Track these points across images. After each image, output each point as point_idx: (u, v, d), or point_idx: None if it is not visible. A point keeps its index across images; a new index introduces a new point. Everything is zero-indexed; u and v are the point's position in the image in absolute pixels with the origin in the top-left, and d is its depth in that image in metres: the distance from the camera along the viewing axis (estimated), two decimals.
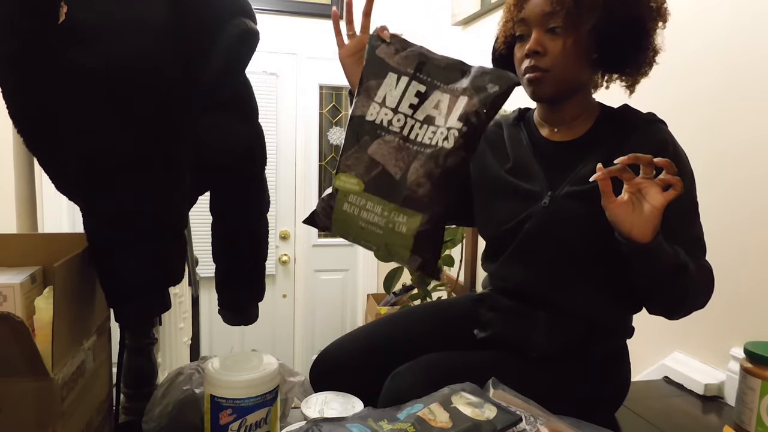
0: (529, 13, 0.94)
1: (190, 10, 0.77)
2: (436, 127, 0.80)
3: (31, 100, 0.74)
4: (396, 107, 0.82)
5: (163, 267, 0.83)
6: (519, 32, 0.97)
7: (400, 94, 0.82)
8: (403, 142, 0.80)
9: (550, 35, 0.93)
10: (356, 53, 0.99)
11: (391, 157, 0.80)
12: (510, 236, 1.01)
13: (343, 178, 0.80)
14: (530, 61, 0.94)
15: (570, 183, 0.96)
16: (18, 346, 0.59)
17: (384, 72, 0.84)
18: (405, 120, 0.81)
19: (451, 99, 0.81)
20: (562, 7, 0.90)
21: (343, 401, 0.88)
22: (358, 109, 0.83)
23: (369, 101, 0.83)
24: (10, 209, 0.99)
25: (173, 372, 0.93)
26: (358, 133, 0.82)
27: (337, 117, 3.21)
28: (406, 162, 0.79)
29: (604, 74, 1.01)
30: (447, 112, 0.80)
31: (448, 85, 0.82)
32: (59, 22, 0.70)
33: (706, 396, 1.26)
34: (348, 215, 0.80)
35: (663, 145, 0.93)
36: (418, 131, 0.81)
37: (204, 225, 1.06)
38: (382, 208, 0.78)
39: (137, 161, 0.77)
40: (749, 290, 1.23)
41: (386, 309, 2.67)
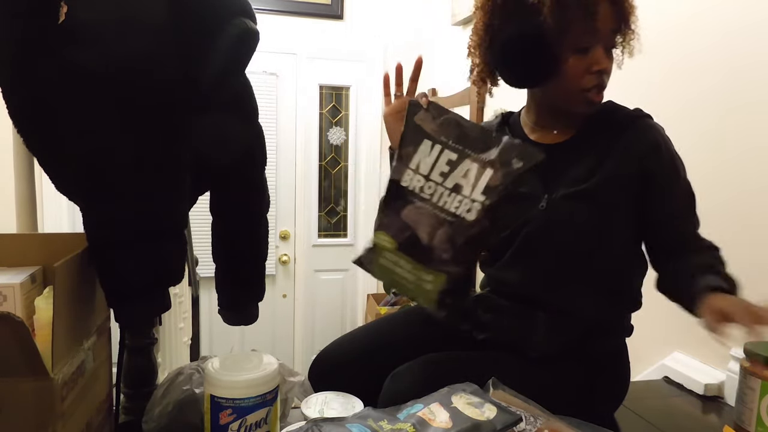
0: (602, 25, 0.89)
1: (190, 10, 0.77)
2: (462, 196, 0.84)
3: (31, 100, 0.74)
4: (428, 174, 0.86)
5: (163, 267, 0.83)
6: (585, 44, 0.90)
7: (432, 162, 0.86)
8: (432, 209, 0.85)
9: (607, 52, 0.92)
10: (398, 113, 0.99)
11: (421, 223, 0.85)
12: (508, 241, 1.01)
13: (380, 235, 0.88)
14: (598, 78, 0.92)
15: (565, 185, 0.96)
16: (18, 346, 0.59)
17: (420, 138, 0.87)
18: (435, 188, 0.85)
19: (479, 169, 0.84)
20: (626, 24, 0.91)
21: (343, 401, 0.88)
22: (394, 173, 0.89)
23: (404, 167, 0.88)
24: (10, 209, 0.99)
25: (173, 372, 0.93)
26: (393, 196, 0.88)
27: (337, 117, 3.21)
28: (434, 227, 0.85)
29: None
30: (474, 182, 0.84)
31: (478, 155, 0.84)
32: (59, 22, 0.70)
33: (706, 396, 1.26)
34: (385, 268, 0.89)
35: (656, 147, 0.94)
36: (447, 199, 0.85)
37: (204, 225, 1.06)
38: (411, 267, 0.86)
39: (137, 161, 0.77)
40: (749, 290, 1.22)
41: (386, 309, 2.67)
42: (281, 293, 3.21)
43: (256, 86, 0.94)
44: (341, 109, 3.22)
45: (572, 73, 0.91)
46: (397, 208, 0.87)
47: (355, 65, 3.16)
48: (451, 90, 2.66)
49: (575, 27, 0.88)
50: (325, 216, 3.28)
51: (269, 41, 2.84)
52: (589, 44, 0.90)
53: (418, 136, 0.87)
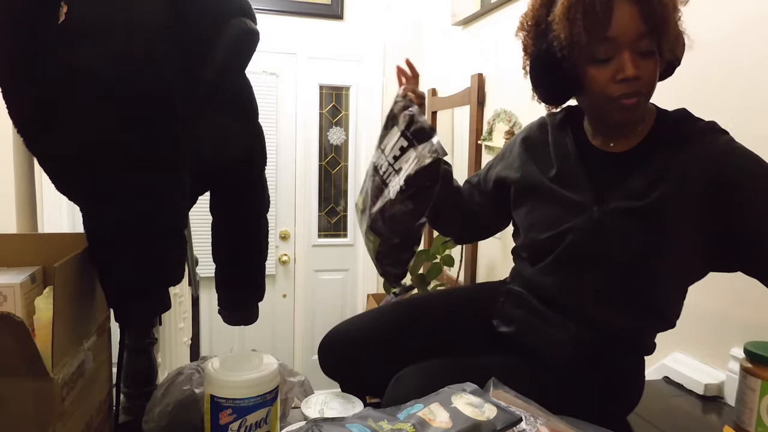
0: (620, 32, 0.82)
1: (190, 10, 0.77)
2: (399, 178, 0.99)
3: (31, 100, 0.74)
4: (387, 154, 1.06)
5: (163, 267, 0.83)
6: (603, 56, 0.84)
7: (393, 145, 1.05)
8: (380, 183, 1.06)
9: (640, 57, 0.84)
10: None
11: (373, 193, 1.07)
12: (550, 246, 0.97)
13: (359, 198, 1.16)
14: (629, 87, 0.84)
15: (619, 197, 0.90)
16: (18, 346, 0.59)
17: (391, 125, 1.08)
18: (387, 167, 1.05)
19: (415, 158, 0.98)
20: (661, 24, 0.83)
21: (343, 401, 0.88)
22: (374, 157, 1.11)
23: (378, 147, 1.11)
24: (10, 209, 0.99)
25: (173, 372, 0.93)
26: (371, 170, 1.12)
27: (337, 117, 3.21)
28: (377, 199, 1.05)
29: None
30: (407, 168, 0.98)
31: (418, 146, 0.99)
32: (59, 22, 0.70)
33: (706, 396, 1.26)
34: (359, 223, 1.15)
35: (722, 156, 0.85)
36: (392, 178, 1.02)
37: (204, 225, 1.06)
38: (366, 228, 1.10)
39: (137, 162, 0.77)
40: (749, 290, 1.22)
41: None
42: (281, 293, 3.21)
43: (256, 86, 0.94)
44: (341, 109, 3.22)
45: (595, 84, 0.87)
46: (367, 180, 1.12)
47: (355, 65, 3.16)
48: (451, 90, 2.66)
49: (588, 38, 0.83)
50: (325, 216, 3.28)
51: (269, 41, 2.84)
52: (608, 54, 0.84)
53: (392, 123, 1.08)
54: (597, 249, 0.92)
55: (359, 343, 1.07)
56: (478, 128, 2.32)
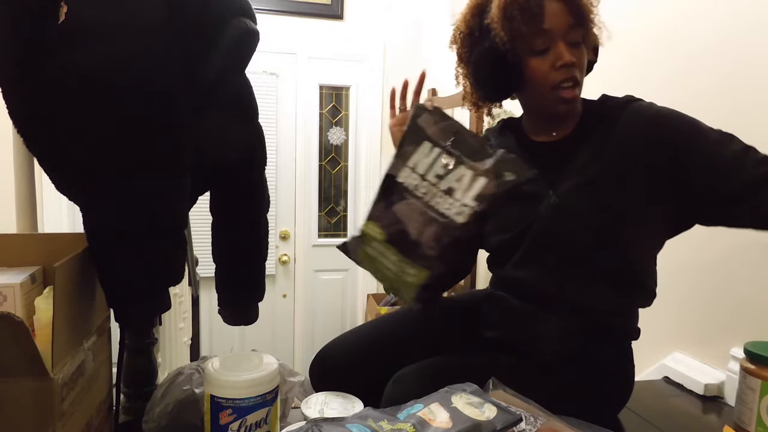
0: (553, 25, 0.92)
1: (190, 10, 0.77)
2: (454, 200, 0.88)
3: (31, 100, 0.74)
4: (424, 174, 0.90)
5: (163, 267, 0.83)
6: (541, 47, 0.93)
7: (430, 163, 0.90)
8: (423, 207, 0.89)
9: (572, 47, 0.93)
10: (403, 124, 1.00)
11: (411, 218, 0.89)
12: (518, 241, 1.01)
13: (371, 226, 0.91)
14: (567, 72, 0.93)
15: (571, 177, 0.96)
16: (18, 346, 0.59)
17: (420, 139, 0.92)
18: (429, 188, 0.90)
19: (473, 176, 0.88)
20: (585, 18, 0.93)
21: (343, 401, 0.88)
22: (392, 169, 0.92)
23: (402, 164, 0.92)
24: (10, 209, 0.99)
25: (173, 372, 0.93)
26: (388, 190, 0.91)
27: (337, 117, 3.21)
28: (423, 224, 0.88)
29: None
30: (467, 188, 0.88)
31: (473, 163, 0.88)
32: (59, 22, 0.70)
33: (706, 396, 1.26)
34: (370, 257, 0.92)
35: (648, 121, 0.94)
36: (439, 200, 0.89)
37: (204, 225, 1.06)
38: (397, 259, 0.89)
39: (137, 162, 0.77)
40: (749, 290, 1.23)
41: (386, 309, 2.67)
42: (281, 293, 3.21)
43: (256, 86, 0.94)
44: (341, 109, 3.22)
45: (537, 74, 0.95)
46: (390, 202, 0.90)
47: (355, 65, 3.16)
48: (451, 90, 2.66)
49: (525, 33, 0.93)
50: (325, 216, 3.28)
51: (269, 41, 2.84)
52: (545, 45, 0.93)
53: (418, 137, 0.91)
54: (563, 231, 0.96)
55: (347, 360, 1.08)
56: (478, 128, 2.32)
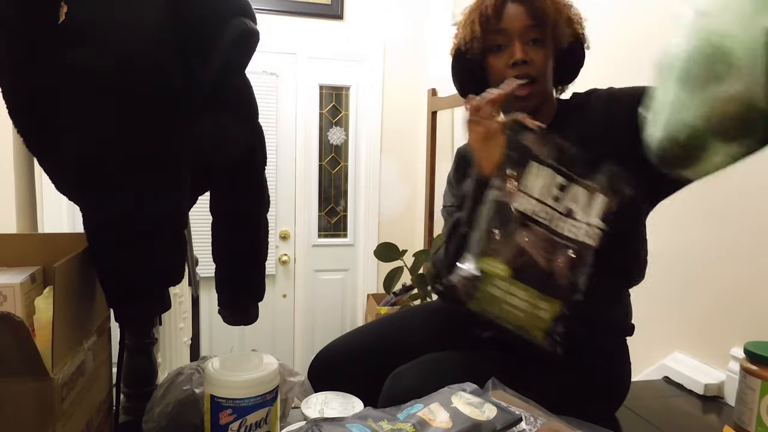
0: (509, 25, 0.97)
1: (190, 10, 0.77)
2: (576, 221, 0.83)
3: (31, 100, 0.74)
4: (541, 198, 0.84)
5: (163, 267, 0.83)
6: (498, 43, 1.00)
7: (543, 185, 0.84)
8: (548, 233, 0.83)
9: (531, 46, 0.98)
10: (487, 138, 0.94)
11: (538, 248, 0.82)
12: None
13: (490, 262, 0.82)
14: (520, 69, 0.97)
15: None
16: (18, 346, 0.59)
17: (526, 160, 0.85)
18: (549, 212, 0.84)
19: (587, 194, 0.84)
20: (546, 20, 0.96)
21: (343, 401, 0.88)
22: (504, 196, 0.84)
23: (515, 189, 0.84)
24: (10, 209, 0.99)
25: (173, 372, 0.93)
26: (504, 219, 0.83)
27: (337, 117, 3.21)
28: (552, 253, 0.82)
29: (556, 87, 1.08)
30: (585, 208, 0.83)
31: (584, 179, 0.84)
32: (59, 22, 0.70)
33: (706, 396, 1.26)
34: (494, 297, 0.83)
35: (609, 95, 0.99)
36: (561, 224, 0.83)
37: (204, 225, 1.06)
38: (526, 294, 0.81)
39: (137, 161, 0.77)
40: (749, 290, 1.23)
41: (386, 309, 2.67)
42: (281, 293, 3.21)
43: (256, 86, 0.94)
44: (341, 109, 3.22)
45: (494, 71, 1.01)
46: (510, 233, 0.83)
47: (355, 65, 3.16)
48: (451, 90, 2.66)
49: (484, 32, 1.00)
50: (325, 216, 3.28)
51: (269, 41, 2.84)
52: (502, 43, 0.99)
53: (523, 158, 0.85)
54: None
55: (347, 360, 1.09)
56: None
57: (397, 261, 2.48)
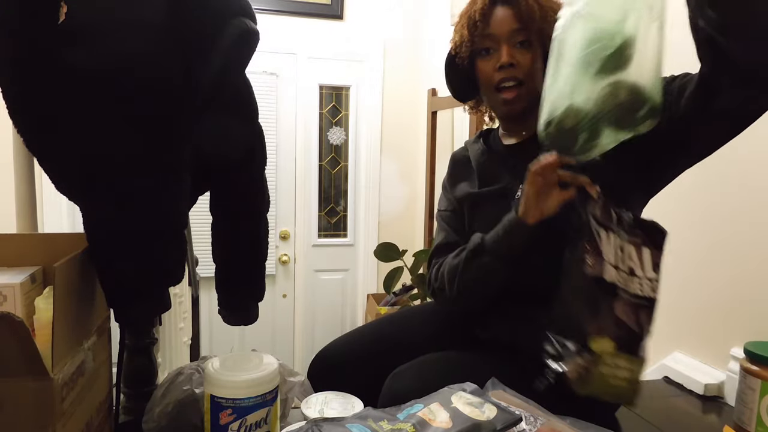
0: (497, 29, 0.99)
1: (190, 10, 0.77)
2: (638, 278, 0.85)
3: (31, 100, 0.74)
4: (616, 264, 0.85)
5: (163, 267, 0.83)
6: (486, 47, 1.02)
7: (614, 251, 0.86)
8: (629, 297, 0.84)
9: (519, 49, 0.99)
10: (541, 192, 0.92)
11: (629, 314, 0.84)
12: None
13: (599, 342, 0.83)
14: (506, 72, 0.99)
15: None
16: (18, 346, 0.59)
17: (598, 229, 0.86)
18: (623, 275, 0.85)
19: (636, 250, 0.86)
20: (532, 23, 0.97)
21: (343, 401, 0.88)
22: (593, 270, 0.85)
23: (602, 261, 0.85)
24: (10, 209, 0.99)
25: (173, 372, 0.93)
26: (601, 294, 0.84)
27: (337, 117, 3.21)
28: (636, 315, 0.84)
29: None
30: (639, 263, 0.85)
31: (630, 236, 0.86)
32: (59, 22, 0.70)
33: (706, 396, 1.26)
34: (603, 376, 0.83)
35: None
36: (631, 284, 0.85)
37: (204, 225, 1.06)
38: (627, 363, 0.83)
39: (137, 161, 0.77)
40: (749, 290, 1.23)
41: (386, 309, 2.67)
42: (281, 293, 3.21)
43: (256, 86, 0.94)
44: (341, 109, 3.22)
45: (482, 75, 1.04)
46: (609, 306, 0.83)
47: (355, 65, 3.16)
48: None
49: (472, 36, 1.03)
50: (325, 216, 3.28)
51: (269, 41, 2.85)
52: (490, 46, 1.01)
53: (597, 227, 0.86)
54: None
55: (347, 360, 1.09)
56: (478, 128, 2.32)
57: (397, 261, 2.48)
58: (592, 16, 0.75)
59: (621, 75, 0.72)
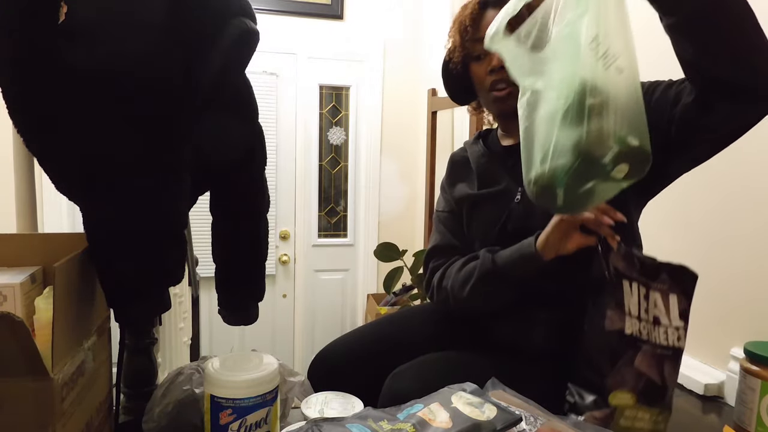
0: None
1: (190, 9, 0.77)
2: (663, 326, 0.85)
3: (31, 100, 0.74)
4: (639, 315, 0.85)
5: (163, 267, 0.83)
6: (477, 52, 1.03)
7: (636, 301, 0.86)
8: (652, 348, 0.85)
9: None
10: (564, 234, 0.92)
11: (651, 366, 0.84)
12: (496, 242, 1.02)
13: (619, 395, 0.84)
14: (498, 75, 0.99)
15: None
16: (18, 346, 0.59)
17: (620, 280, 0.87)
18: (646, 326, 0.85)
19: (662, 297, 0.86)
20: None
21: (343, 401, 0.88)
22: (614, 324, 0.85)
23: (623, 314, 0.86)
24: (10, 209, 0.99)
25: (173, 372, 0.93)
26: (622, 348, 0.85)
27: (337, 117, 3.21)
28: (660, 365, 0.84)
29: None
30: (666, 310, 0.85)
31: (655, 283, 0.86)
32: (59, 22, 0.70)
33: (706, 396, 1.26)
34: (624, 428, 0.84)
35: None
36: (654, 333, 0.85)
37: (204, 225, 1.06)
38: (649, 416, 0.84)
39: (137, 161, 0.77)
40: (749, 290, 1.23)
41: (386, 309, 2.67)
42: (281, 293, 3.21)
43: (256, 86, 0.94)
44: (341, 109, 3.22)
45: (476, 78, 1.06)
46: (630, 359, 0.84)
47: (355, 65, 3.16)
48: None
49: (463, 41, 1.04)
50: (325, 216, 3.28)
51: (269, 41, 2.85)
52: (481, 51, 1.01)
53: (618, 279, 0.86)
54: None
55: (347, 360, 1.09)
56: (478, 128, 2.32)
57: (397, 261, 2.48)
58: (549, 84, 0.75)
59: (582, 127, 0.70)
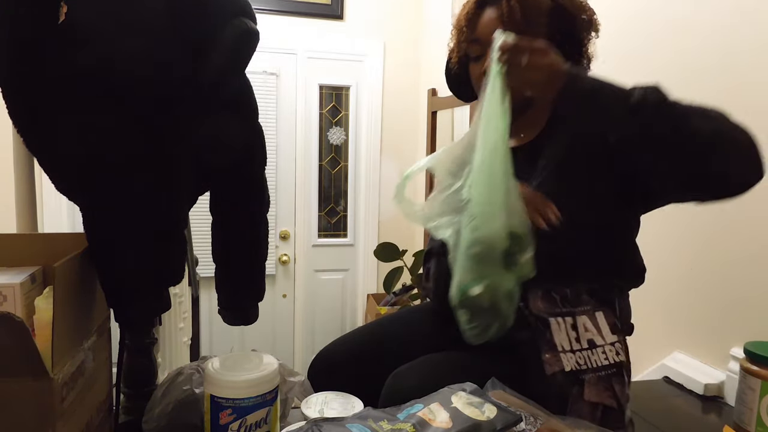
0: (482, 33, 0.99)
1: (190, 10, 0.77)
2: (600, 347, 0.87)
3: (31, 100, 0.74)
4: (571, 348, 0.87)
5: (163, 267, 0.83)
6: (474, 53, 1.03)
7: (566, 335, 0.87)
8: (595, 373, 0.85)
9: None
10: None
11: (600, 392, 0.85)
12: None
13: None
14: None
15: (538, 175, 0.97)
16: (18, 346, 0.59)
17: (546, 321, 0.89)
18: (583, 355, 0.86)
19: (589, 318, 0.88)
20: (513, 25, 0.95)
21: (343, 401, 0.88)
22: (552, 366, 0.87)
23: (557, 353, 0.87)
24: (10, 209, 0.99)
25: (173, 372, 0.93)
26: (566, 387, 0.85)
27: (337, 117, 3.21)
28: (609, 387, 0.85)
29: None
30: (597, 330, 0.87)
31: (579, 308, 0.88)
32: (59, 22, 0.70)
33: (706, 396, 1.26)
34: None
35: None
36: (594, 357, 0.86)
37: (204, 225, 1.06)
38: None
39: (137, 161, 0.77)
40: (749, 290, 1.23)
41: (386, 309, 2.67)
42: (281, 293, 3.21)
43: (256, 86, 0.94)
44: (341, 109, 3.22)
45: (474, 77, 1.05)
46: (579, 395, 0.84)
47: (355, 65, 3.16)
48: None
49: (460, 42, 1.05)
50: (325, 216, 3.28)
51: (269, 41, 2.85)
52: (479, 52, 1.01)
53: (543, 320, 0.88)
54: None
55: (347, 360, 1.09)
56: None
57: (397, 261, 2.48)
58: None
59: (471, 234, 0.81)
